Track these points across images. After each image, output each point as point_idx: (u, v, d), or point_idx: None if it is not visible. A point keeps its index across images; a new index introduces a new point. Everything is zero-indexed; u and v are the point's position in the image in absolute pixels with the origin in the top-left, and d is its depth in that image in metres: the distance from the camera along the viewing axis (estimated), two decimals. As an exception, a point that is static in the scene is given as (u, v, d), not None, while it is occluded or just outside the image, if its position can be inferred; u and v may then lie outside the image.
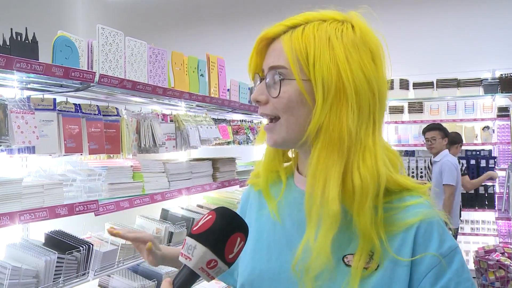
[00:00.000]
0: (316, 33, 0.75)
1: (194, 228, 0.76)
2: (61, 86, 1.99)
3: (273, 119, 0.82)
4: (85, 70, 1.92)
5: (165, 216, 2.84)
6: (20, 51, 1.69)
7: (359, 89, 0.74)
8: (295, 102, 0.77)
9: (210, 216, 0.76)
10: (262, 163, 0.93)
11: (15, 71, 1.62)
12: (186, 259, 0.74)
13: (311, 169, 0.76)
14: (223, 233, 0.74)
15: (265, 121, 0.87)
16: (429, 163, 4.92)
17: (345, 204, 0.76)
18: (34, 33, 1.77)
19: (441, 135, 4.41)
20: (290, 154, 0.94)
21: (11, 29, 1.70)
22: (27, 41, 1.74)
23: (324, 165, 0.75)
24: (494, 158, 5.48)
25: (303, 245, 0.76)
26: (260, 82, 0.84)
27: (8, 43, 1.68)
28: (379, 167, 0.74)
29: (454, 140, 4.82)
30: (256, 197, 0.97)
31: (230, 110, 3.33)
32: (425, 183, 0.84)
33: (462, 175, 4.76)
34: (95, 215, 1.96)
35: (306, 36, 0.76)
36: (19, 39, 1.71)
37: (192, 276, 0.75)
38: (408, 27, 6.07)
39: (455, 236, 4.57)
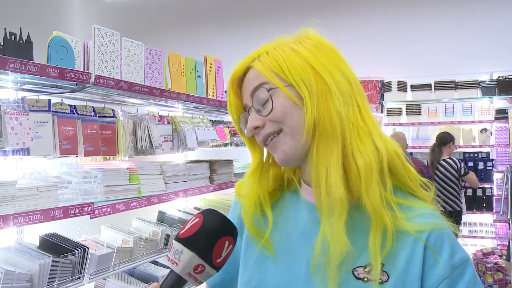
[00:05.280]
0: (279, 50, 0.82)
1: (181, 232, 0.74)
2: (56, 87, 1.96)
3: (275, 136, 0.82)
4: (81, 71, 1.89)
5: (162, 218, 2.82)
6: (14, 51, 1.66)
7: (336, 78, 0.79)
8: (289, 107, 0.80)
9: (197, 219, 0.74)
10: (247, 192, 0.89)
11: (9, 71, 1.59)
12: (173, 263, 0.72)
13: (312, 163, 0.79)
14: (210, 237, 0.72)
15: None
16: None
17: (352, 191, 0.76)
18: (28, 33, 1.75)
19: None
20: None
21: (5, 28, 1.67)
22: (21, 41, 1.72)
23: (323, 154, 0.77)
24: (492, 160, 5.48)
25: (320, 239, 0.77)
26: (249, 113, 0.85)
27: (2, 43, 1.66)
28: (376, 143, 0.78)
29: (442, 141, 4.91)
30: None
31: (228, 111, 3.30)
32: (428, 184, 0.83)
33: (466, 173, 4.81)
34: (91, 217, 1.94)
35: (272, 54, 0.82)
36: (13, 39, 1.69)
37: (179, 281, 0.73)
38: (406, 30, 6.07)
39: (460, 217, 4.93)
